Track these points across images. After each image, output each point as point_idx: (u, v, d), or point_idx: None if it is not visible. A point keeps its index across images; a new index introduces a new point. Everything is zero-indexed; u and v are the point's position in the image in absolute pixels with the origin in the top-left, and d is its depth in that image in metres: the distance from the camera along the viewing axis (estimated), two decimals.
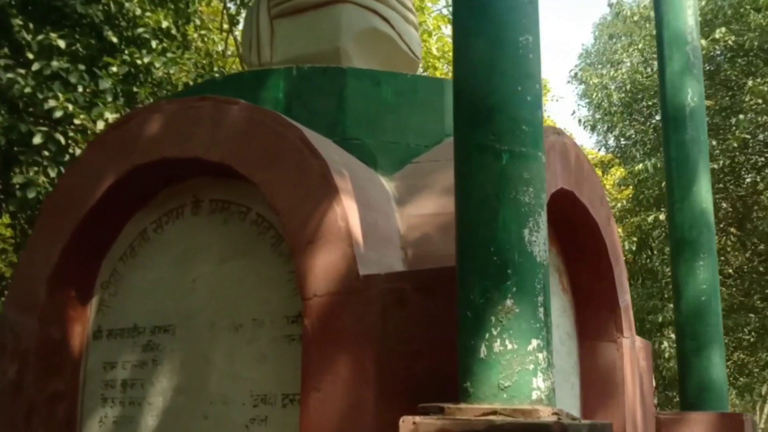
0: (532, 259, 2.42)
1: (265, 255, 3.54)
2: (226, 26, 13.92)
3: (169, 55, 10.80)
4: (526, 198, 2.45)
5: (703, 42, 15.54)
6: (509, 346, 2.34)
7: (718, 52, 16.24)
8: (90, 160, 3.89)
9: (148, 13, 10.58)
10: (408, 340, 2.89)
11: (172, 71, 10.32)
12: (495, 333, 2.35)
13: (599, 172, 18.15)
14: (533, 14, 2.64)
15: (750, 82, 15.08)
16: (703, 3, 16.93)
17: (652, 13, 18.14)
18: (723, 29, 15.73)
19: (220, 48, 13.80)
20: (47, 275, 3.82)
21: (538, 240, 2.45)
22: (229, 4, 14.45)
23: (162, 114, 3.72)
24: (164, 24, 10.76)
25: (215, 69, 11.96)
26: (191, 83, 10.45)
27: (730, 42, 15.92)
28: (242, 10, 12.80)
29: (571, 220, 4.14)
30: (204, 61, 11.42)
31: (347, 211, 3.14)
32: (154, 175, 3.78)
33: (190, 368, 3.62)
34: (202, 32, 13.17)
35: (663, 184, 12.45)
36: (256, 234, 3.59)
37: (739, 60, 16.15)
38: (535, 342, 2.36)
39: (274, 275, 3.49)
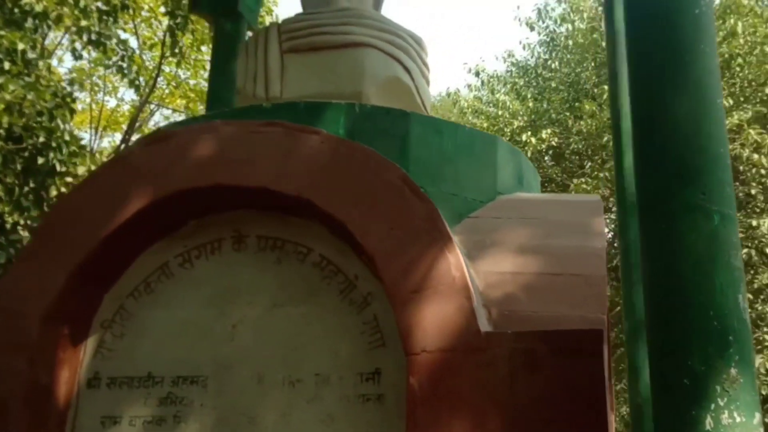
0: (746, 327, 2.32)
1: (332, 302, 3.17)
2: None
3: (27, 79, 9.93)
4: (737, 262, 2.36)
5: (533, 139, 16.60)
6: (738, 419, 2.20)
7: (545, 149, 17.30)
8: (111, 179, 3.34)
9: (2, 32, 9.70)
10: (543, 408, 2.66)
11: (29, 96, 9.45)
12: (722, 404, 2.21)
13: None
14: (719, 78, 2.61)
15: (574, 182, 16.19)
16: (531, 105, 18.16)
17: (484, 107, 18.95)
18: (548, 130, 16.85)
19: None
20: (42, 311, 3.20)
21: (746, 307, 2.36)
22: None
23: (215, 136, 3.29)
24: (20, 46, 9.91)
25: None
26: (45, 112, 9.61)
27: (553, 143, 17.09)
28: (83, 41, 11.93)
29: None
30: (65, 90, 10.55)
31: (461, 261, 2.89)
32: (194, 204, 3.31)
33: (228, 428, 3.13)
34: (48, 61, 12.29)
35: None
36: (319, 278, 3.22)
37: (565, 161, 17.32)
38: (757, 416, 2.24)
39: (343, 326, 3.13)
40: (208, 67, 11.23)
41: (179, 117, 17.53)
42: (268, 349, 3.18)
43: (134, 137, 16.01)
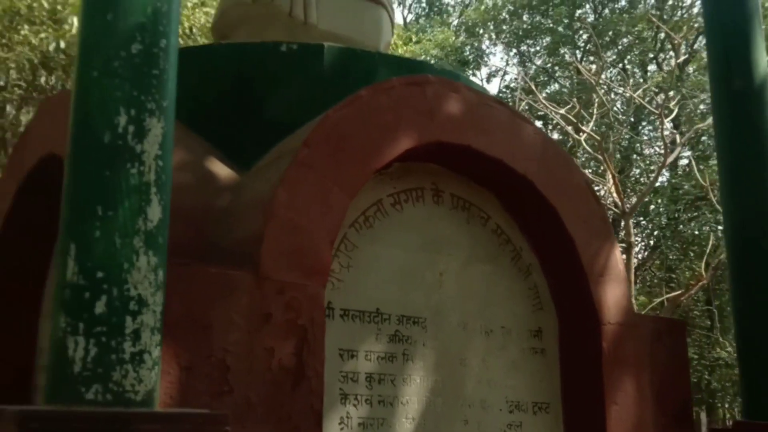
0: None
1: (507, 266, 3.72)
2: None
3: None
4: None
5: None
6: None
7: None
8: (374, 108, 3.19)
9: None
10: (662, 370, 3.88)
11: None
12: None
13: None
14: None
15: None
16: None
17: None
18: None
19: None
20: (331, 234, 2.98)
21: None
22: None
23: (461, 98, 3.47)
24: None
25: None
26: None
27: None
28: None
29: None
30: None
31: (620, 255, 3.88)
32: (434, 155, 3.42)
33: (445, 369, 3.40)
34: None
35: None
36: (496, 244, 3.71)
37: None
38: None
39: (515, 288, 3.73)
40: None
41: None
42: (469, 301, 3.55)
43: None
